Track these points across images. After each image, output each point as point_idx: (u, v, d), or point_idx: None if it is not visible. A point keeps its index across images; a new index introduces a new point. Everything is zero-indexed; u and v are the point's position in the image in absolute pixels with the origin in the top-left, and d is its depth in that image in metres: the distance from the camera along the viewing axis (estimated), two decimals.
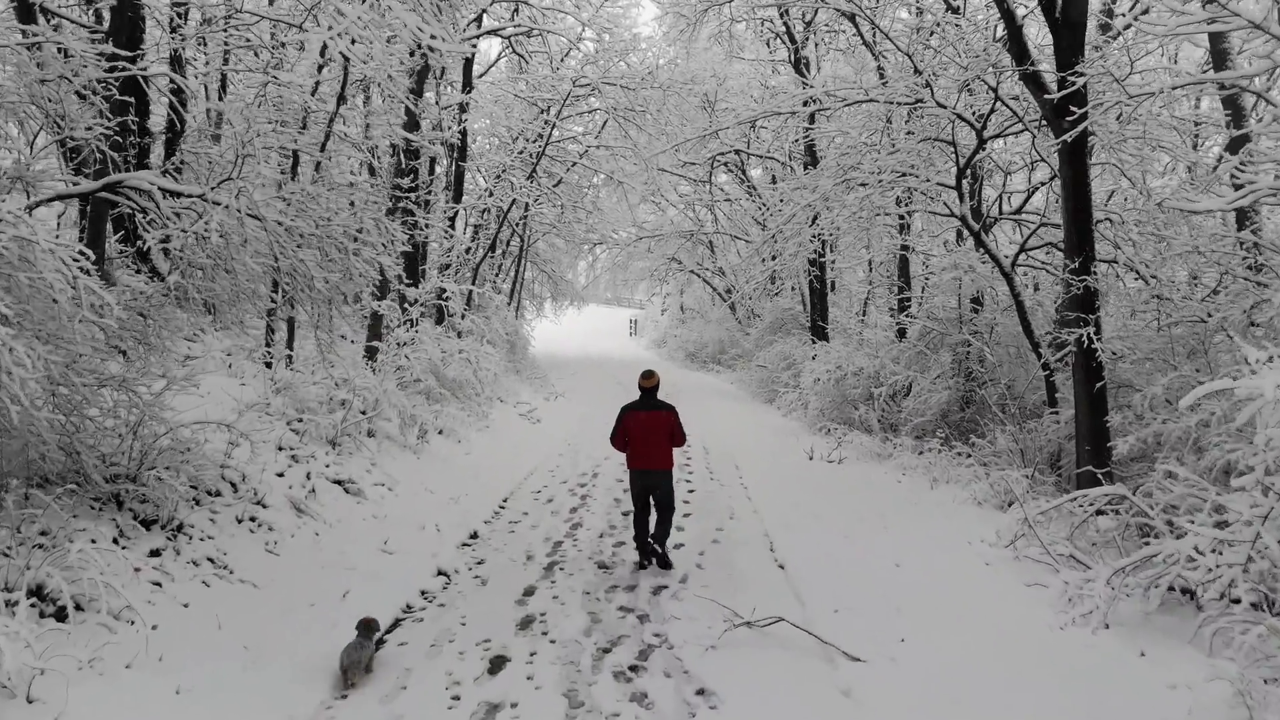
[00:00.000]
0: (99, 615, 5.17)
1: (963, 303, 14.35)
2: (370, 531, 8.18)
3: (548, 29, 19.80)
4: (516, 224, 23.72)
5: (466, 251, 21.08)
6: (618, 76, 20.68)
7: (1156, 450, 9.23)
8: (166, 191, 6.61)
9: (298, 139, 10.14)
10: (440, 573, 7.49)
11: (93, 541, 5.69)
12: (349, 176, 14.49)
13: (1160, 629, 5.96)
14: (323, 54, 12.60)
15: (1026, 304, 11.55)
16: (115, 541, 6.02)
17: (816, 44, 21.72)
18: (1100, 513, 7.50)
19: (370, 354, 13.49)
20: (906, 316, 16.23)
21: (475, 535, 8.92)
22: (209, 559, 6.48)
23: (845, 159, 13.84)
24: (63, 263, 5.29)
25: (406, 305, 15.39)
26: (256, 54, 13.08)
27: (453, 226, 20.23)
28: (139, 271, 10.48)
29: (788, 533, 8.95)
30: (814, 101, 14.42)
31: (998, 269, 12.15)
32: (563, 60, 22.42)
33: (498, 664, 5.62)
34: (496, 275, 24.84)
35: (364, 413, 10.66)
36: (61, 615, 5.12)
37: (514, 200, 21.37)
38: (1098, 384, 8.66)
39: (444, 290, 17.37)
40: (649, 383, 8.13)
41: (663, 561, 7.89)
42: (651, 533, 8.05)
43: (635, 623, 6.44)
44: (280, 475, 8.24)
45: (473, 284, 19.74)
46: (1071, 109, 8.34)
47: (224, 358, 11.28)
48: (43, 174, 7.01)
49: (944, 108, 11.92)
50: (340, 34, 6.40)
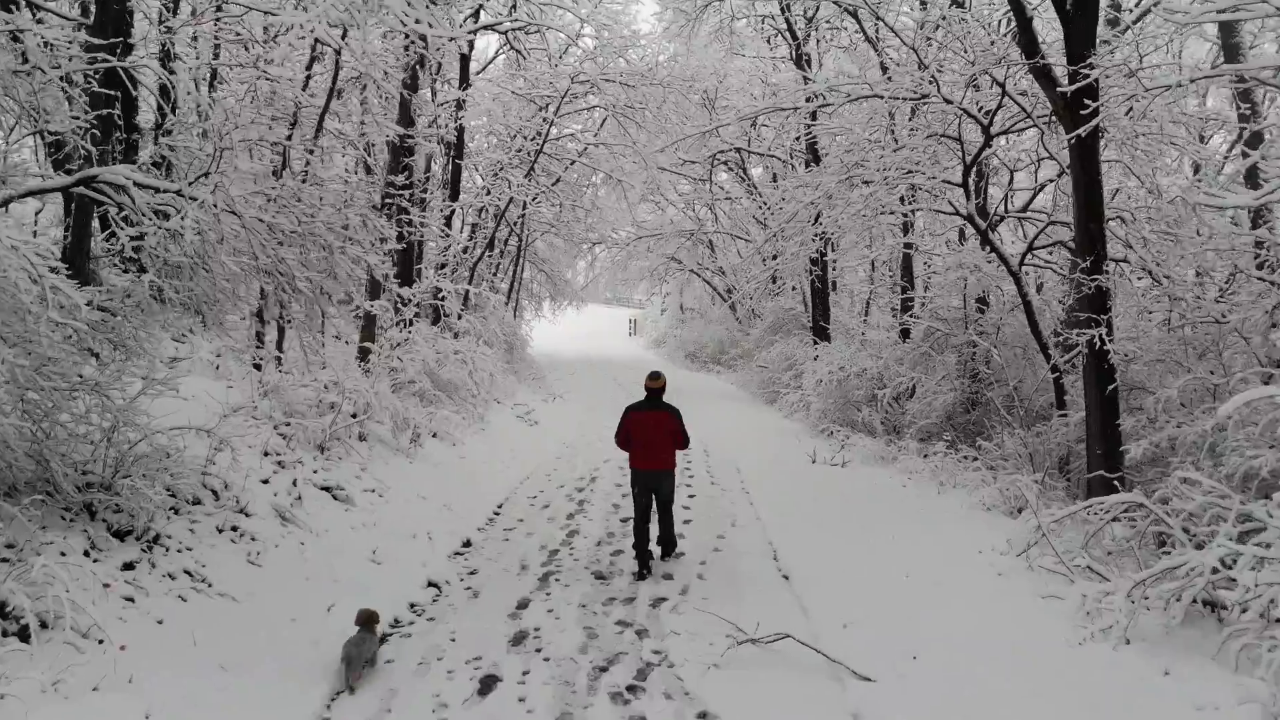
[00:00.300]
0: (65, 634, 4.88)
1: (968, 302, 14.07)
2: (359, 540, 7.89)
3: (546, 24, 19.48)
4: (514, 223, 23.40)
5: (463, 250, 20.78)
6: (617, 73, 20.36)
7: (1170, 454, 8.97)
8: (143, 186, 6.32)
9: (287, 135, 9.84)
10: (431, 584, 7.22)
11: (62, 555, 5.42)
12: (343, 174, 14.21)
13: (1182, 644, 5.67)
14: (314, 49, 12.31)
15: (1034, 304, 11.28)
16: (86, 554, 5.73)
17: (819, 40, 21.45)
18: (1115, 520, 7.23)
19: (363, 355, 13.19)
20: (910, 317, 15.94)
21: (468, 543, 8.65)
22: (186, 571, 6.18)
23: (849, 156, 13.60)
24: (28, 260, 5.01)
25: (401, 305, 15.08)
26: (247, 48, 12.79)
27: (449, 225, 19.94)
28: (126, 271, 10.19)
29: (792, 540, 8.68)
30: (817, 97, 14.18)
31: (1004, 268, 11.89)
32: (561, 57, 22.12)
33: (488, 684, 5.34)
34: (494, 275, 24.51)
35: (355, 416, 10.34)
36: (24, 634, 4.83)
37: (511, 199, 21.07)
38: (1110, 386, 8.39)
39: (440, 290, 17.07)
40: (656, 384, 8.08)
41: (668, 549, 8.10)
42: (654, 540, 7.95)
43: (634, 638, 6.17)
44: (265, 482, 7.94)
45: (469, 283, 19.42)
46: (1085, 102, 8.07)
47: (212, 359, 10.98)
48: (15, 168, 6.72)
49: (950, 103, 11.66)
50: (319, 17, 6.11)
